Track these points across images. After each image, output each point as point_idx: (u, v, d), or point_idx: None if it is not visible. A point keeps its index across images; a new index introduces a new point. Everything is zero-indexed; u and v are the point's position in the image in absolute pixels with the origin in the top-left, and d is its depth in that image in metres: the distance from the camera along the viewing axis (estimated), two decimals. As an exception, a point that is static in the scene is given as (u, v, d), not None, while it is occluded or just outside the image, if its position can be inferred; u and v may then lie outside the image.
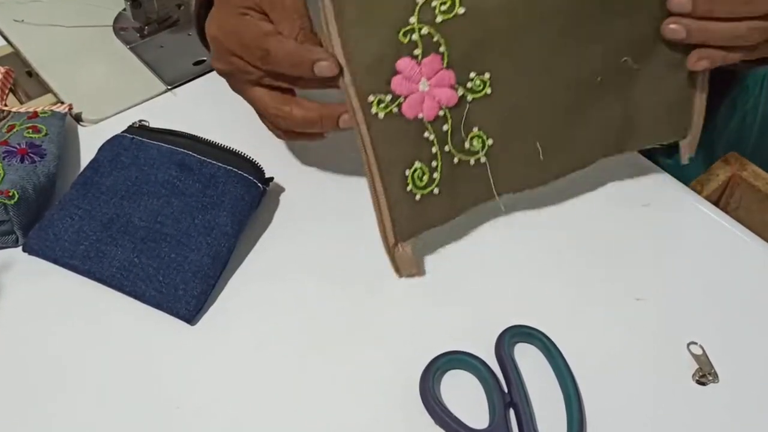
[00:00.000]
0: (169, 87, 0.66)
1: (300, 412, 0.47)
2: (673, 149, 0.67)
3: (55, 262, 0.52)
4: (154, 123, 0.60)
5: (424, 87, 0.47)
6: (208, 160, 0.56)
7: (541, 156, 0.52)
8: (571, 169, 0.54)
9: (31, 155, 0.55)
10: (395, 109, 0.47)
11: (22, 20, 0.71)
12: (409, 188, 0.49)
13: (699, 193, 0.67)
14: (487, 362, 0.49)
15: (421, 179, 0.49)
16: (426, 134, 0.49)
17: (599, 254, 0.56)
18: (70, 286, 0.52)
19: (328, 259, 0.55)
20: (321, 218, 0.57)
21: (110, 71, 0.67)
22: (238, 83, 0.53)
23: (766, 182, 0.70)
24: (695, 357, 0.50)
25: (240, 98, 0.63)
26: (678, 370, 0.50)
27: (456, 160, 0.50)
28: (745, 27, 0.49)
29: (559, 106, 0.52)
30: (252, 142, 0.59)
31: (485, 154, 0.51)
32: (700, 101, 0.54)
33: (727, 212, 0.70)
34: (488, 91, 0.49)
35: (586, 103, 0.53)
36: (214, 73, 0.67)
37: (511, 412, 0.47)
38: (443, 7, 0.46)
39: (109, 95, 0.65)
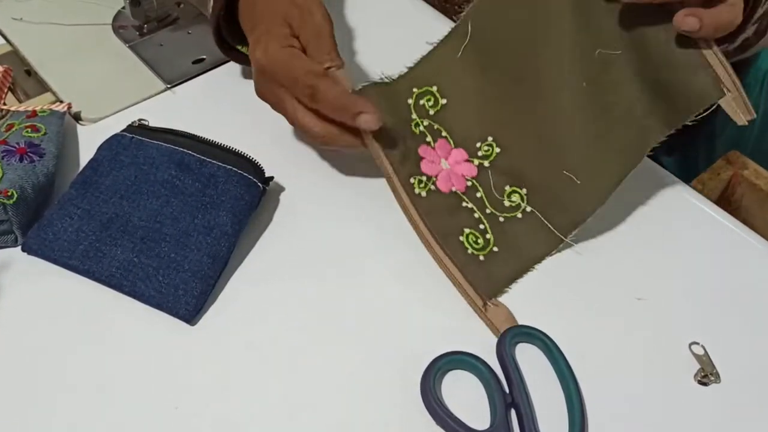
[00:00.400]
0: (168, 86, 0.66)
1: (300, 412, 0.47)
2: (672, 148, 0.67)
3: (54, 262, 0.52)
4: (154, 122, 0.60)
5: (446, 166, 0.55)
6: (208, 159, 0.55)
7: (577, 180, 0.52)
8: (618, 177, 0.52)
9: (30, 155, 0.55)
10: (432, 187, 0.55)
11: (21, 18, 0.71)
12: (470, 251, 0.53)
13: (700, 192, 0.67)
14: (489, 363, 0.49)
15: (476, 243, 0.53)
16: (464, 204, 0.55)
17: (600, 254, 0.55)
18: (69, 286, 0.52)
19: (329, 259, 0.54)
20: (321, 218, 0.57)
21: (109, 70, 0.67)
22: (281, 110, 0.55)
23: (767, 182, 0.70)
24: (697, 357, 0.50)
25: (240, 98, 0.63)
26: (679, 371, 0.50)
27: (501, 219, 0.54)
28: None
29: (570, 131, 0.53)
30: (252, 142, 0.59)
31: (527, 203, 0.54)
32: (714, 56, 0.48)
33: (728, 211, 0.70)
34: (498, 150, 0.55)
35: (593, 115, 0.52)
36: (213, 72, 0.67)
37: (513, 412, 0.47)
38: (429, 103, 0.56)
39: (108, 94, 0.65)
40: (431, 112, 0.56)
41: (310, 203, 0.58)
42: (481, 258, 0.53)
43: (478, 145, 0.56)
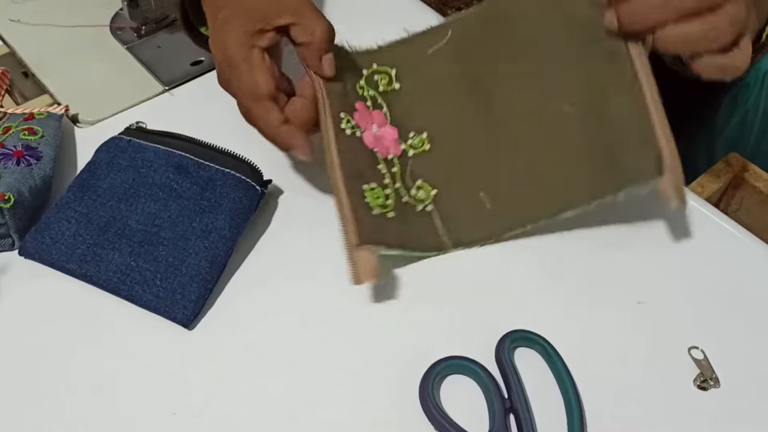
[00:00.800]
0: (166, 87, 0.66)
1: (299, 416, 0.47)
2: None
3: (52, 265, 0.52)
4: (152, 124, 0.60)
5: (376, 131, 0.55)
6: (206, 162, 0.55)
7: (487, 205, 0.52)
8: (532, 218, 0.52)
9: (27, 158, 0.55)
10: (358, 133, 0.54)
11: (18, 20, 0.71)
12: (367, 200, 0.52)
13: (700, 194, 0.67)
14: (487, 367, 0.48)
15: (376, 198, 0.52)
16: (379, 166, 0.54)
17: (600, 258, 0.55)
18: (66, 290, 0.52)
19: (327, 263, 0.54)
20: (320, 221, 0.57)
21: (107, 72, 0.67)
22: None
23: (767, 183, 0.70)
24: (696, 362, 0.50)
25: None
26: (679, 375, 0.49)
27: (405, 199, 0.54)
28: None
29: (505, 159, 0.53)
30: (250, 144, 0.58)
31: (432, 203, 0.54)
32: (664, 133, 0.48)
33: (728, 213, 0.70)
34: (427, 147, 0.55)
35: (531, 150, 0.53)
36: (212, 74, 0.67)
37: (512, 417, 0.47)
38: (383, 81, 0.57)
39: (106, 96, 0.65)
40: (381, 89, 0.57)
41: (308, 206, 0.57)
42: (375, 212, 0.51)
43: (412, 134, 0.56)
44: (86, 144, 0.60)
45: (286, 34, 0.53)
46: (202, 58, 0.68)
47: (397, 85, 0.57)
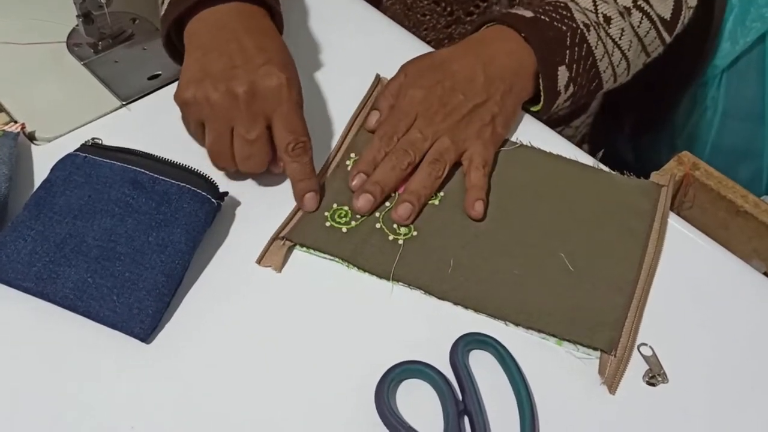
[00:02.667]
0: (123, 102, 0.66)
1: (255, 426, 0.47)
2: (636, 145, 0.68)
3: (8, 284, 0.52)
4: (110, 140, 0.60)
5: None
6: (161, 177, 0.56)
7: (449, 270, 0.54)
8: (472, 305, 0.53)
9: (-18, 177, 0.55)
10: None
11: (-26, 38, 0.71)
12: (326, 214, 0.57)
13: (652, 193, 0.68)
14: (442, 370, 0.49)
15: (341, 217, 0.57)
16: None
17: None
18: (23, 308, 0.52)
19: (284, 273, 0.55)
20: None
21: (64, 88, 0.67)
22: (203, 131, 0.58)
23: (718, 181, 0.71)
24: (645, 358, 0.51)
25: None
26: (628, 372, 0.51)
27: (378, 225, 0.57)
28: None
29: (491, 253, 0.56)
30: (206, 158, 0.59)
31: (405, 239, 0.56)
32: (632, 328, 0.52)
33: (682, 210, 0.72)
34: (436, 203, 0.59)
35: (510, 264, 0.55)
36: (168, 88, 0.67)
37: (466, 419, 0.48)
38: None
39: (63, 113, 0.65)
40: None
41: (265, 218, 0.58)
42: (328, 224, 0.57)
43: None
44: (43, 161, 0.60)
45: None
46: (159, 72, 0.68)
47: None
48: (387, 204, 0.58)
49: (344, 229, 0.56)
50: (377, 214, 0.58)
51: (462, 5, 0.76)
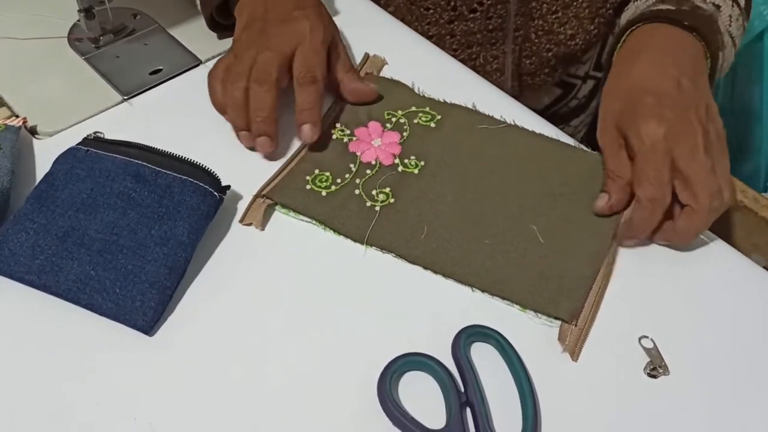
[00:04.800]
0: (125, 97, 0.66)
1: (259, 418, 0.48)
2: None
3: (11, 277, 0.52)
4: (112, 134, 0.60)
5: (377, 143, 0.62)
6: (163, 170, 0.56)
7: (422, 236, 0.55)
8: (441, 271, 0.54)
9: (-16, 171, 0.55)
10: (345, 139, 0.62)
11: (-25, 33, 0.71)
12: (308, 178, 0.59)
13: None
14: (444, 363, 0.50)
15: (321, 182, 0.59)
16: (352, 165, 0.60)
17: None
18: (26, 301, 0.52)
19: (286, 267, 0.55)
20: (279, 226, 0.58)
21: (65, 83, 0.67)
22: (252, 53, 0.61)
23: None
24: (646, 350, 0.51)
25: (197, 107, 0.64)
26: (630, 364, 0.51)
27: (357, 191, 0.58)
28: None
29: (464, 222, 0.57)
30: (209, 151, 0.59)
31: (381, 206, 0.58)
32: (595, 300, 0.53)
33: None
34: (415, 171, 0.60)
35: (482, 234, 0.56)
36: (170, 82, 0.68)
37: (468, 411, 0.48)
38: (423, 118, 0.64)
39: (64, 107, 0.65)
40: (415, 121, 0.64)
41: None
42: (308, 187, 0.58)
43: (413, 158, 0.61)
44: (45, 155, 0.60)
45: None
46: (161, 67, 0.69)
47: (433, 125, 0.64)
48: (368, 172, 0.59)
49: (323, 193, 0.58)
50: (357, 181, 0.59)
51: (466, 1, 0.76)
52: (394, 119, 0.64)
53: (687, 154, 0.54)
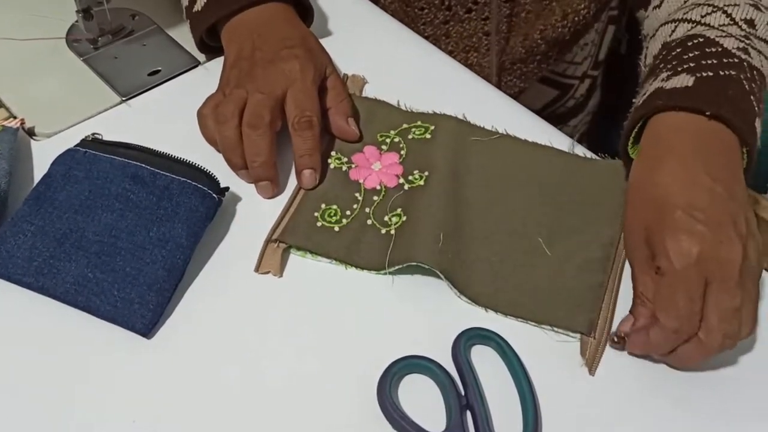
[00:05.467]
0: (123, 98, 0.66)
1: (258, 421, 0.47)
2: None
3: (8, 279, 0.52)
4: (110, 135, 0.60)
5: (377, 167, 0.61)
6: (162, 172, 0.56)
7: (440, 243, 0.54)
8: (457, 285, 0.53)
9: (-18, 172, 0.55)
10: (344, 168, 0.61)
11: (-27, 34, 0.70)
12: (316, 215, 0.57)
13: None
14: (444, 365, 0.49)
15: (331, 216, 0.57)
16: (357, 194, 0.59)
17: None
18: (23, 303, 0.52)
19: (285, 270, 0.55)
20: (278, 227, 0.57)
21: (63, 84, 0.67)
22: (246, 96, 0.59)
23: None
24: (647, 353, 0.51)
25: (196, 109, 0.63)
26: (630, 368, 0.51)
27: (369, 222, 0.57)
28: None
29: (471, 240, 0.56)
30: (208, 152, 0.59)
31: (396, 228, 0.56)
32: (608, 310, 0.53)
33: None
34: (422, 183, 0.59)
35: (492, 248, 0.55)
36: (169, 83, 0.67)
37: (468, 414, 0.48)
38: (418, 132, 0.63)
39: (62, 108, 0.64)
40: (410, 137, 0.63)
41: (266, 213, 0.58)
42: (319, 225, 0.56)
43: (416, 172, 0.60)
44: (43, 157, 0.60)
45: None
46: (159, 68, 0.68)
47: (428, 136, 0.63)
48: (375, 198, 0.58)
49: (336, 228, 0.56)
50: (367, 210, 0.57)
51: (460, 1, 0.76)
52: (388, 140, 0.62)
53: (718, 288, 0.47)
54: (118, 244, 0.53)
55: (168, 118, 0.64)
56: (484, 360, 0.50)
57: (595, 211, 0.58)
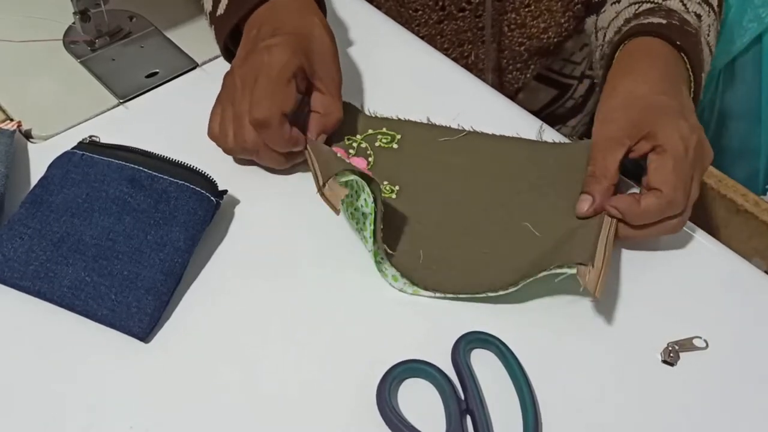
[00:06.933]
0: (121, 100, 0.65)
1: (256, 425, 0.47)
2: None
3: (5, 283, 0.52)
4: (107, 138, 0.59)
5: None
6: (160, 175, 0.55)
7: (419, 261, 0.55)
8: (450, 291, 0.53)
9: (-22, 175, 0.54)
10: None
11: (-30, 36, 0.70)
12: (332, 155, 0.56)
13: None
14: (444, 369, 0.49)
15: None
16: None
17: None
18: (20, 307, 0.51)
19: (284, 272, 0.55)
20: (276, 231, 0.57)
21: (61, 86, 0.66)
22: (232, 103, 0.58)
23: (718, 180, 0.71)
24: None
25: (194, 111, 0.63)
26: (633, 373, 0.50)
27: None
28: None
29: (458, 238, 0.56)
30: (205, 155, 0.59)
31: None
32: (603, 247, 0.53)
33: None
34: (393, 196, 0.59)
35: (479, 242, 0.56)
36: (167, 86, 0.67)
37: (468, 418, 0.48)
38: (384, 140, 0.63)
39: (59, 111, 0.64)
40: (377, 144, 0.63)
41: (264, 217, 0.58)
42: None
43: (386, 183, 0.60)
44: (40, 159, 0.59)
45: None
46: (157, 70, 0.68)
47: (395, 146, 0.63)
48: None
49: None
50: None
51: (454, 0, 0.76)
52: (355, 144, 0.62)
53: (699, 175, 0.55)
54: (115, 247, 0.52)
55: (166, 121, 0.64)
56: (484, 364, 0.50)
57: (572, 187, 0.58)
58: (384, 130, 0.63)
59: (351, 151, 0.62)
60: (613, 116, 0.57)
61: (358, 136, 0.63)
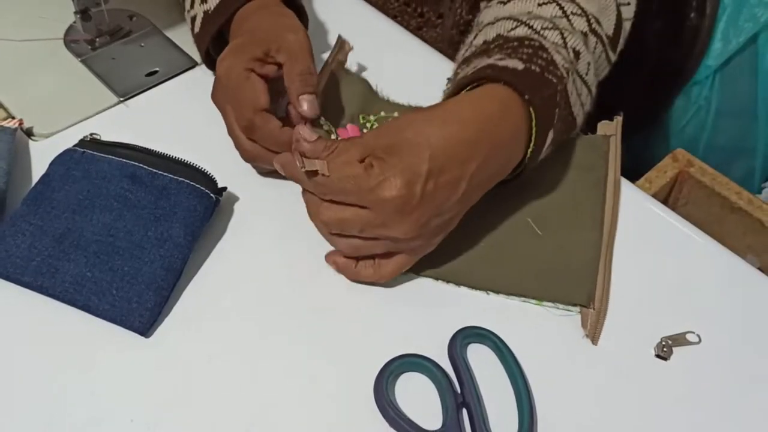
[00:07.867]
0: (121, 99, 0.66)
1: (256, 419, 0.48)
2: (627, 147, 0.68)
3: (7, 278, 0.52)
4: (108, 135, 0.60)
5: None
6: (160, 172, 0.56)
7: None
8: (453, 280, 0.54)
9: (-20, 172, 0.55)
10: (333, 135, 0.61)
11: (-29, 35, 0.71)
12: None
13: (647, 190, 0.69)
14: (441, 364, 0.50)
15: None
16: None
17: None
18: (22, 302, 0.52)
19: (282, 268, 0.55)
20: (275, 227, 0.58)
21: (62, 84, 0.67)
22: (224, 119, 0.59)
23: (713, 178, 0.72)
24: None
25: (193, 109, 0.64)
26: (626, 368, 0.51)
27: None
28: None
29: (460, 231, 0.55)
30: (205, 153, 0.59)
31: None
32: (604, 280, 0.54)
33: (677, 207, 0.72)
34: None
35: (478, 233, 0.56)
36: (166, 84, 0.68)
37: (464, 412, 0.48)
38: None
39: (60, 109, 0.65)
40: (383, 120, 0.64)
41: (264, 213, 0.58)
42: None
43: None
44: (41, 157, 0.60)
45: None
46: (157, 69, 0.69)
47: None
48: None
49: None
50: None
51: (432, 6, 0.76)
52: (368, 124, 0.64)
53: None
54: (116, 243, 0.53)
55: (166, 118, 0.65)
56: (480, 358, 0.51)
57: (579, 186, 0.59)
58: (396, 114, 0.65)
59: (365, 130, 0.63)
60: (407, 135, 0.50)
61: (372, 117, 0.64)
